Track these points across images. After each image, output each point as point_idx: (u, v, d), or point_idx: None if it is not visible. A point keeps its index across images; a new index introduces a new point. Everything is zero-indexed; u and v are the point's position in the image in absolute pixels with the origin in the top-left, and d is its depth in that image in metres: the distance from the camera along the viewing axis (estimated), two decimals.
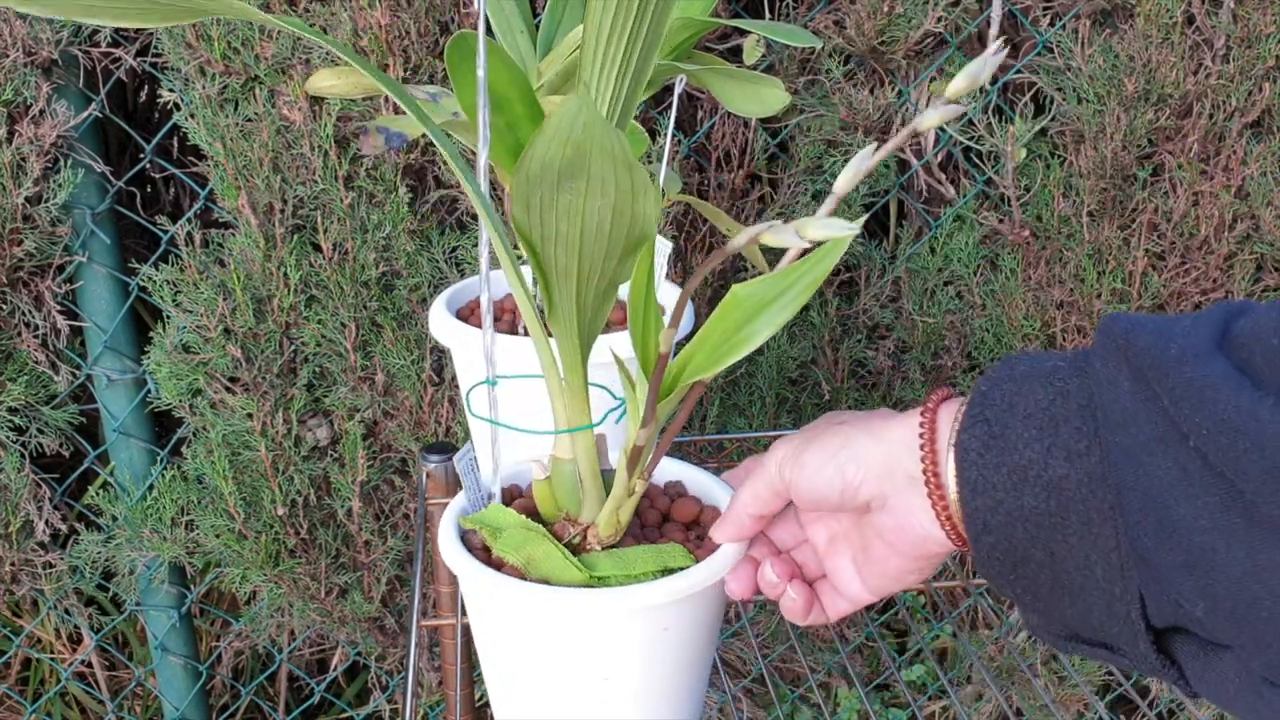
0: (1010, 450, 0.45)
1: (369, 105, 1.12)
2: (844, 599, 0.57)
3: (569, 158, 0.44)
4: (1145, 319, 0.43)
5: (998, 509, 0.46)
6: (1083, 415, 0.45)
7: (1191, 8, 1.14)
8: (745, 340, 0.51)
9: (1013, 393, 0.47)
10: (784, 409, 1.29)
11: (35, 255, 1.16)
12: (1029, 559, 0.46)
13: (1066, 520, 0.45)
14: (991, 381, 0.48)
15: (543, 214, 0.47)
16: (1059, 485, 0.44)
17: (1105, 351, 0.44)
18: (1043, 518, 0.45)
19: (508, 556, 0.55)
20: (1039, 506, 0.45)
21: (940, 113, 0.43)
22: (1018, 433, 0.45)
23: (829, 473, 0.52)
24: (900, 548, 0.52)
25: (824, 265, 0.50)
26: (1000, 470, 0.46)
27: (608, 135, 0.44)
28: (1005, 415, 0.46)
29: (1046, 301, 1.24)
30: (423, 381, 1.19)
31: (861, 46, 1.17)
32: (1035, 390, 0.46)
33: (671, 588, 0.53)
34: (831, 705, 1.48)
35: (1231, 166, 1.18)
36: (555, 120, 0.43)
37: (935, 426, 0.50)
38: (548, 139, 0.44)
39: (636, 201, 0.47)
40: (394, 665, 1.40)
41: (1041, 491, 0.45)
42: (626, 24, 0.47)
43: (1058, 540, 0.45)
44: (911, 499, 0.50)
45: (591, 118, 0.43)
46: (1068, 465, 0.44)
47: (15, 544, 1.26)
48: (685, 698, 0.59)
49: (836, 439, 0.52)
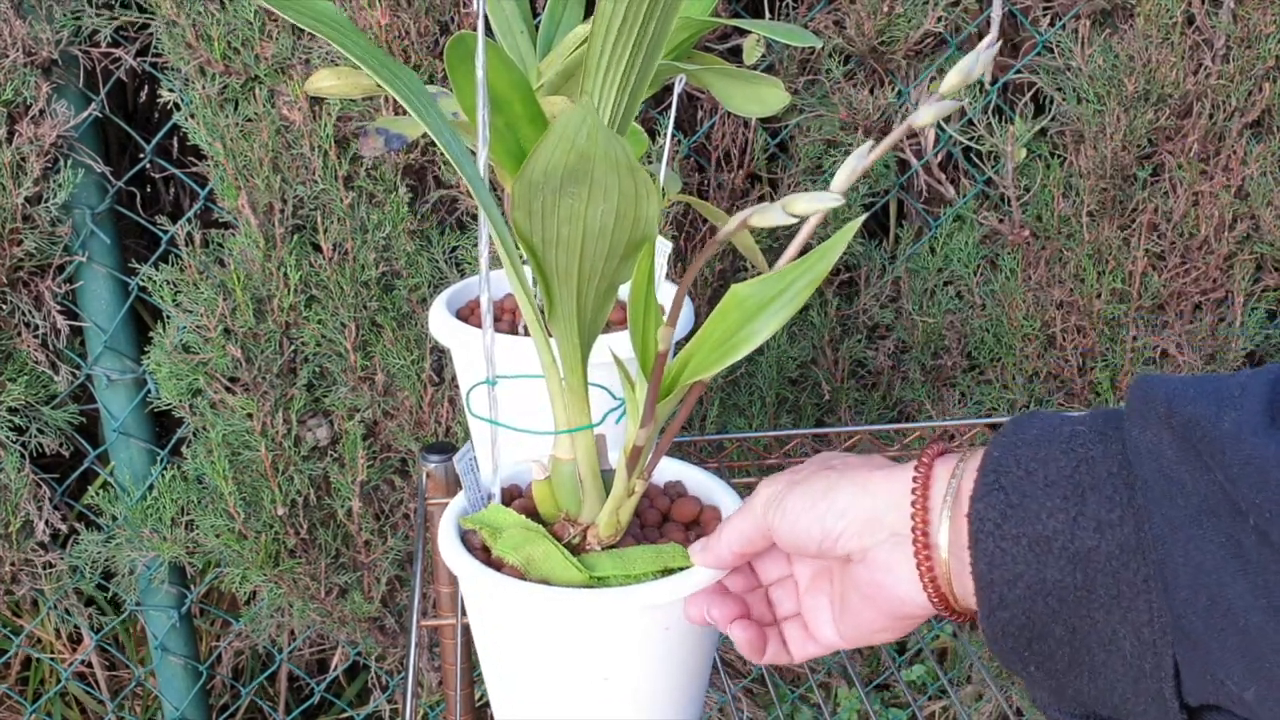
0: (1031, 520, 0.43)
1: (369, 105, 1.12)
2: (814, 642, 0.56)
3: (572, 164, 0.44)
4: (1183, 383, 0.41)
5: (1016, 582, 0.44)
6: (1114, 484, 0.42)
7: (1191, 8, 1.14)
8: (746, 340, 0.50)
9: (1029, 458, 0.44)
10: (784, 409, 1.29)
11: (35, 255, 1.16)
12: (1047, 634, 0.44)
13: (1093, 594, 0.43)
14: (1004, 447, 0.45)
15: (544, 218, 0.47)
16: (1087, 557, 0.42)
17: (1143, 419, 0.42)
18: (1067, 591, 0.43)
19: (507, 557, 0.55)
20: (1063, 580, 0.43)
21: (934, 109, 0.43)
22: (1039, 502, 0.43)
23: (807, 521, 0.50)
24: (878, 604, 0.50)
25: (824, 263, 0.50)
26: (1020, 541, 0.43)
27: (611, 143, 0.44)
28: (1023, 483, 0.44)
29: (1046, 301, 1.24)
30: (423, 381, 1.19)
31: (861, 46, 1.17)
32: (1055, 456, 0.44)
33: (673, 587, 0.53)
34: (831, 705, 1.48)
35: (1231, 166, 1.18)
36: (559, 128, 0.43)
37: (930, 485, 0.47)
38: (551, 146, 0.44)
39: (639, 205, 0.47)
40: (394, 665, 1.40)
41: (1067, 564, 0.43)
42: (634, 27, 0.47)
43: (1082, 615, 0.43)
44: (894, 556, 0.48)
45: (595, 126, 0.43)
46: (1098, 536, 0.42)
47: (15, 544, 1.26)
48: (685, 698, 0.59)
49: (820, 484, 0.51)
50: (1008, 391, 1.29)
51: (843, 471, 0.51)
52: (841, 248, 0.49)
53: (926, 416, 1.30)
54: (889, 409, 1.31)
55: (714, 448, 1.21)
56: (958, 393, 1.30)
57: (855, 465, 0.51)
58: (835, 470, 0.51)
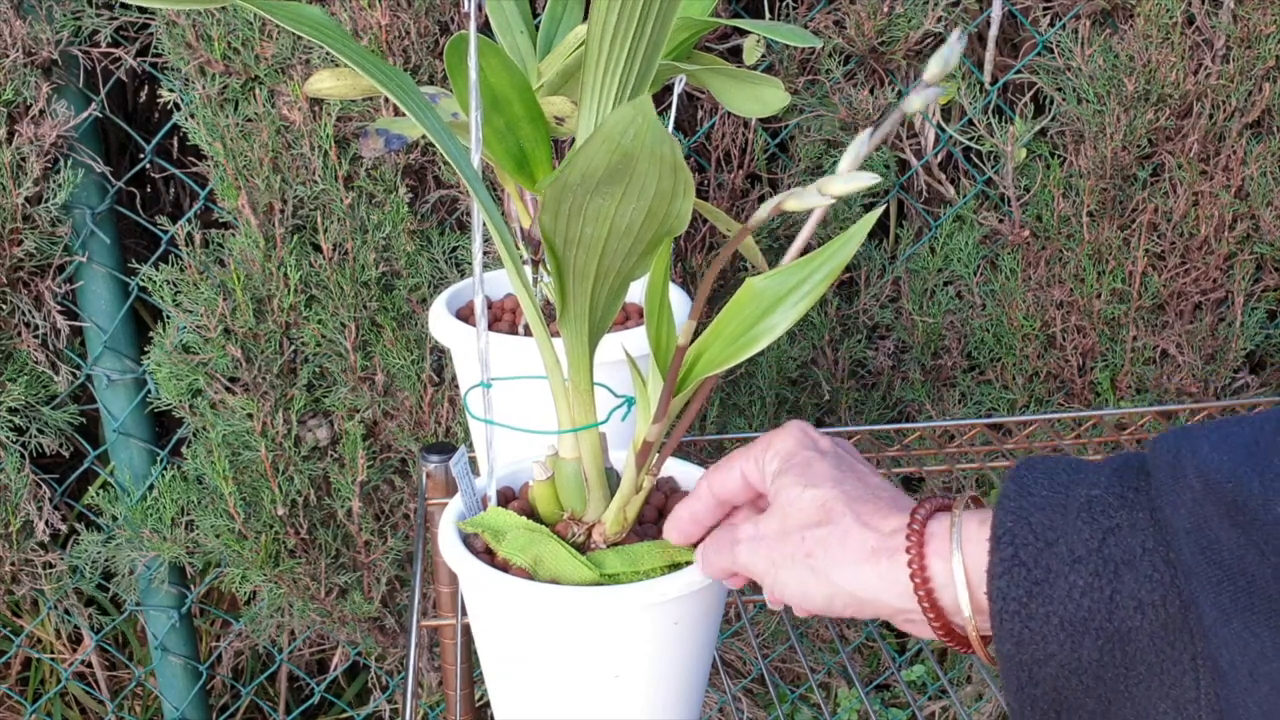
0: (1062, 600, 0.41)
1: (369, 105, 1.12)
2: None
3: (615, 164, 0.44)
4: (1211, 448, 0.39)
5: (1048, 662, 0.42)
6: (1151, 561, 0.40)
7: (1191, 8, 1.14)
8: (764, 334, 0.50)
9: (1045, 527, 0.42)
10: (784, 409, 1.29)
11: (35, 255, 1.16)
12: (1079, 707, 0.42)
13: (1133, 671, 0.41)
14: (1014, 514, 0.43)
15: (570, 219, 0.47)
16: (1127, 636, 0.40)
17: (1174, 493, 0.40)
18: (1104, 669, 0.41)
19: (514, 558, 0.55)
20: (1101, 659, 0.41)
21: (922, 96, 0.42)
22: (1069, 580, 0.41)
23: (806, 594, 0.48)
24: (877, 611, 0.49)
25: (843, 254, 0.49)
26: (1051, 622, 0.41)
27: (659, 140, 0.43)
28: (1045, 557, 0.42)
29: (1046, 301, 1.24)
30: (423, 382, 1.19)
31: (861, 46, 1.17)
32: (1076, 527, 0.42)
33: (685, 582, 0.54)
34: (831, 705, 1.48)
35: (1231, 166, 1.18)
36: (605, 129, 0.42)
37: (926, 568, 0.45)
38: (595, 146, 0.43)
39: (674, 202, 0.46)
40: (394, 665, 1.40)
41: (1105, 643, 0.41)
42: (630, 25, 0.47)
43: (1119, 691, 0.41)
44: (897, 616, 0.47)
45: (645, 123, 0.42)
46: (1139, 616, 0.40)
47: (15, 544, 1.26)
48: (690, 694, 0.59)
49: (803, 547, 0.48)
50: (1008, 391, 1.29)
51: (821, 535, 0.48)
52: (861, 238, 0.48)
53: (926, 416, 1.30)
54: (889, 409, 1.31)
55: (714, 448, 1.21)
56: (958, 393, 1.30)
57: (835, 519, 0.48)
58: (813, 527, 0.48)
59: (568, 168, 0.44)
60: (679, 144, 0.44)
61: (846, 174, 0.42)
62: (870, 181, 0.42)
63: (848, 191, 0.42)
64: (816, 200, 0.43)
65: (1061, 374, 1.28)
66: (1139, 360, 1.25)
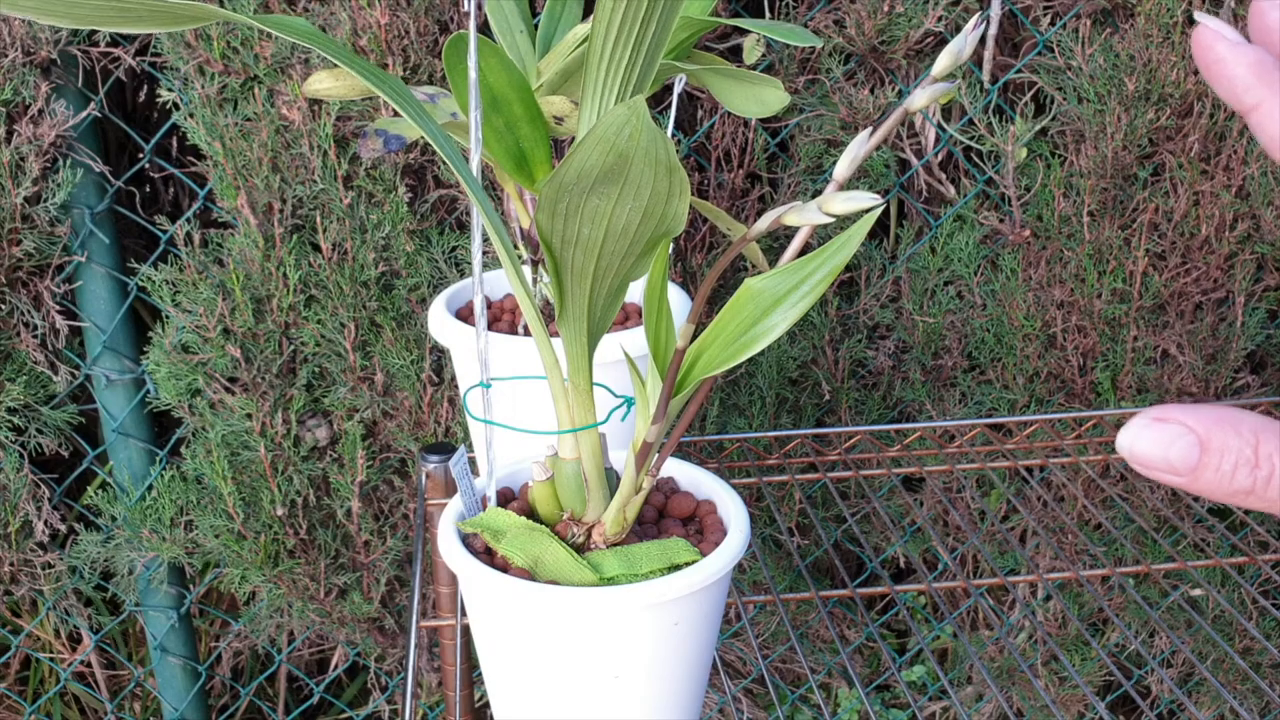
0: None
1: (368, 105, 1.12)
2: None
3: (610, 164, 0.44)
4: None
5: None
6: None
7: (1191, 8, 1.14)
8: (762, 335, 0.49)
9: None
10: (784, 409, 1.29)
11: (34, 255, 1.16)
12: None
13: None
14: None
15: (567, 219, 0.47)
16: None
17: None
18: None
19: (514, 559, 0.55)
20: None
21: (929, 92, 0.42)
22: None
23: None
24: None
25: (842, 254, 0.48)
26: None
27: (653, 140, 0.43)
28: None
29: (1047, 301, 1.24)
30: (422, 381, 1.19)
31: (861, 46, 1.17)
32: None
33: (685, 582, 0.54)
34: (832, 706, 1.48)
35: (1232, 166, 1.18)
36: (599, 129, 0.42)
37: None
38: (590, 147, 0.43)
39: (670, 203, 0.46)
40: (394, 666, 1.40)
41: None
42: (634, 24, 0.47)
43: None
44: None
45: (639, 124, 0.42)
46: None
47: (14, 544, 1.26)
48: (689, 695, 0.59)
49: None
50: (1008, 392, 1.29)
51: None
52: (861, 238, 0.48)
53: (927, 416, 1.30)
54: (889, 409, 1.31)
55: (714, 448, 1.21)
56: (958, 393, 1.30)
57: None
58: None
59: (563, 168, 0.44)
60: (674, 145, 0.44)
61: (847, 194, 0.42)
62: (870, 203, 0.42)
63: (848, 211, 0.43)
64: (817, 218, 0.43)
65: (1062, 374, 1.28)
66: (1140, 360, 1.25)
